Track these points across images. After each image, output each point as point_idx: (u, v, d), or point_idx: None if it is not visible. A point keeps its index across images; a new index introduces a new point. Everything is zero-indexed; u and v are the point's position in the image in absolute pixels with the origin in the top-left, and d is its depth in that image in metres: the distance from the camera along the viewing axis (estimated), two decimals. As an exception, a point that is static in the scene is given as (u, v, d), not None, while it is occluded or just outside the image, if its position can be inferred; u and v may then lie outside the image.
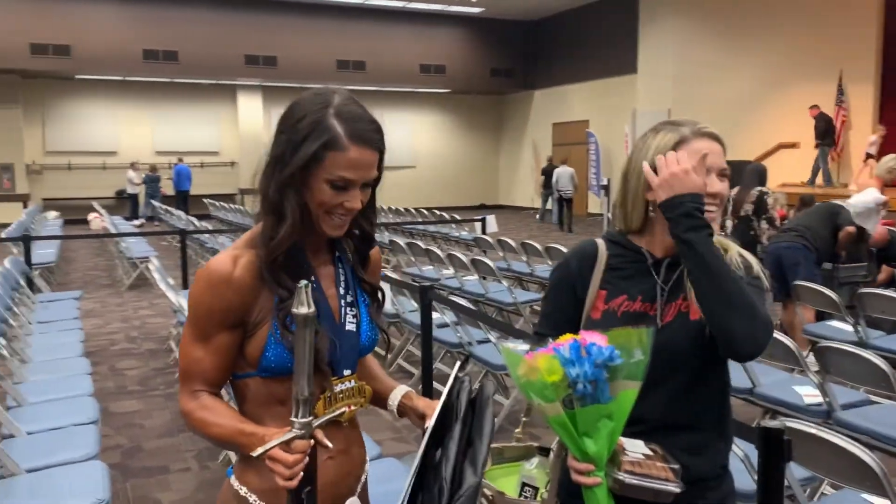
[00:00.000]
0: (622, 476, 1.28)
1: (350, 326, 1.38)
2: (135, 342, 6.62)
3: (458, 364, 1.43)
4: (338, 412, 1.29)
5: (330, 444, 1.20)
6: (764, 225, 6.34)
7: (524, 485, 1.53)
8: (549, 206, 18.69)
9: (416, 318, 4.81)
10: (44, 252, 9.54)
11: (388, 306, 5.27)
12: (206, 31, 18.18)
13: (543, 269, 7.71)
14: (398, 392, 1.51)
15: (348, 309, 1.39)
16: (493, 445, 1.59)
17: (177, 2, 17.92)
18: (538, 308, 7.30)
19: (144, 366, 5.84)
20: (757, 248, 6.35)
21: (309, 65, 19.31)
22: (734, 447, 1.95)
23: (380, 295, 1.48)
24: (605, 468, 1.30)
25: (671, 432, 1.43)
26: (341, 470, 1.38)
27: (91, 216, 16.18)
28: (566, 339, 1.27)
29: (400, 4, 19.51)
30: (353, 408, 1.38)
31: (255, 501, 1.33)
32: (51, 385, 3.80)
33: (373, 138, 1.31)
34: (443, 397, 1.34)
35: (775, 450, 1.74)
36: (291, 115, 1.31)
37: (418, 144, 22.96)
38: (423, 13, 20.29)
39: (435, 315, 5.14)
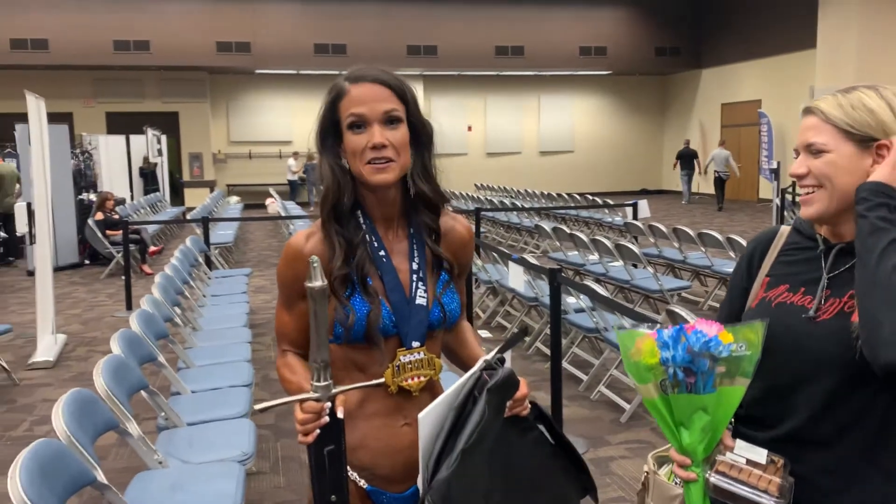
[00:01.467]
0: (711, 476, 1.22)
1: (420, 301, 1.44)
2: (296, 317, 7.13)
3: (499, 347, 1.42)
4: (373, 383, 1.35)
5: (341, 415, 1.26)
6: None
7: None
8: (684, 187, 19.48)
9: (552, 301, 4.83)
10: (223, 233, 10.48)
11: (524, 290, 5.34)
12: (370, 24, 18.97)
13: (697, 255, 7.42)
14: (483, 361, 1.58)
15: (420, 283, 1.45)
16: None
17: (345, -3, 18.86)
18: (686, 296, 7.11)
19: (303, 339, 6.29)
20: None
21: (468, 52, 19.63)
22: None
23: (447, 265, 1.50)
24: (702, 466, 1.24)
25: (809, 447, 1.27)
26: (417, 437, 1.47)
27: (268, 201, 17.48)
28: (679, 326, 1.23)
29: (560, -13, 19.29)
30: (421, 379, 1.45)
31: None
32: (215, 351, 4.24)
33: (370, 74, 1.39)
34: (460, 381, 1.35)
35: None
36: None
37: (577, 128, 22.66)
38: (583, -5, 19.95)
39: (573, 300, 5.16)
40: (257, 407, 1.27)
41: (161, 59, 18.17)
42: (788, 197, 11.10)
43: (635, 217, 9.01)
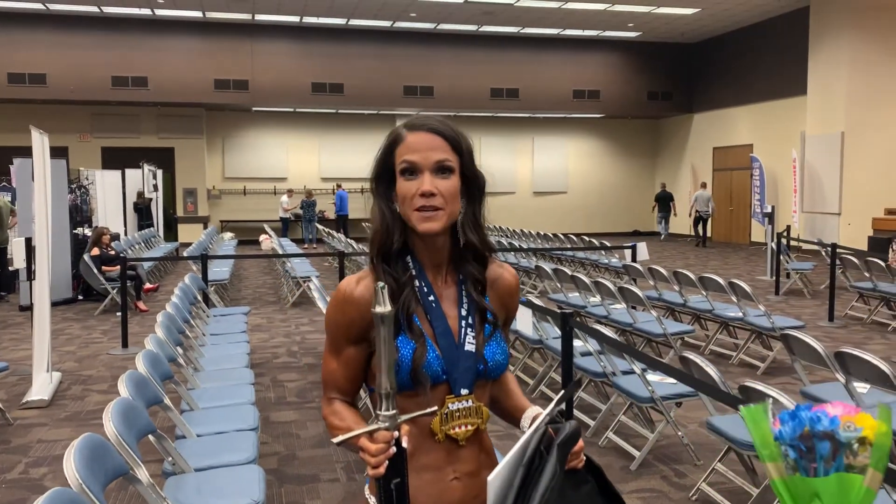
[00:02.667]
0: None
1: (469, 347, 1.42)
2: (295, 356, 7.05)
3: (555, 399, 1.39)
4: (428, 411, 1.32)
5: (405, 444, 1.23)
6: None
7: None
8: (661, 227, 21.06)
9: (558, 344, 4.80)
10: (219, 270, 10.40)
11: (531, 332, 5.30)
12: (368, 65, 19.18)
13: (697, 299, 7.42)
14: (530, 413, 1.54)
15: (468, 330, 1.44)
16: None
17: (343, 38, 19.07)
18: (690, 340, 7.08)
19: (303, 379, 6.21)
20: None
21: (464, 93, 19.86)
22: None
23: (491, 317, 1.48)
24: None
25: None
26: (468, 493, 1.41)
27: (262, 237, 17.44)
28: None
29: (554, 32, 19.62)
30: (468, 427, 1.42)
31: None
32: (219, 392, 4.16)
33: (427, 123, 1.42)
34: (525, 436, 1.32)
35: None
36: None
37: (571, 170, 22.86)
38: (576, 39, 20.28)
39: (578, 343, 5.11)
40: (335, 440, 1.25)
41: (158, 96, 18.26)
42: (784, 241, 11.17)
43: (634, 259, 9.02)
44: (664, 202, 20.78)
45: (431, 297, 1.43)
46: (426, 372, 1.38)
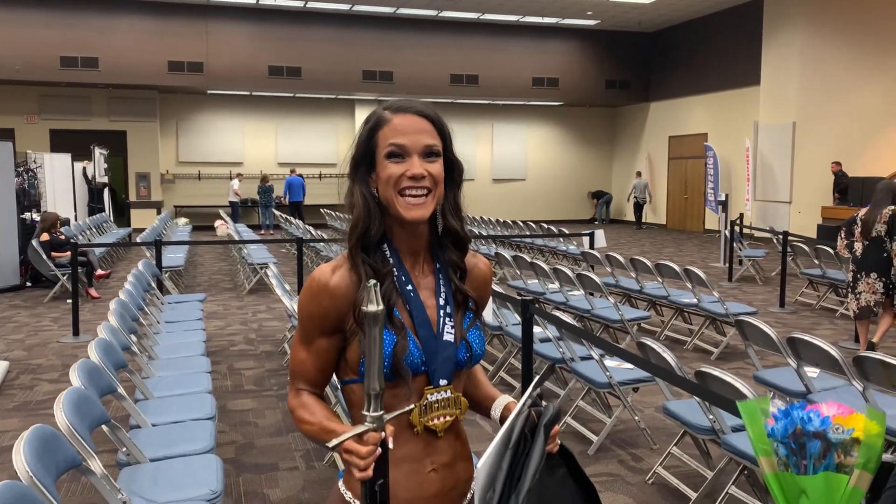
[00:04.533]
0: None
1: (448, 337, 1.41)
2: (252, 344, 6.96)
3: (533, 382, 1.42)
4: (407, 409, 1.31)
5: (391, 445, 1.22)
6: (896, 246, 5.96)
7: None
8: (602, 214, 22.91)
9: (518, 331, 4.82)
10: (173, 256, 10.20)
11: (491, 318, 5.32)
12: (327, 49, 18.94)
13: (653, 286, 7.53)
14: (500, 402, 1.53)
15: (447, 319, 1.42)
16: None
17: (301, 21, 18.78)
18: (646, 326, 7.18)
19: (260, 367, 6.14)
20: (891, 272, 5.98)
21: (424, 79, 19.76)
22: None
23: (472, 304, 1.48)
24: None
25: None
26: (445, 484, 1.40)
27: (217, 223, 17.17)
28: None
29: (513, 18, 19.62)
30: (447, 419, 1.40)
31: None
32: (174, 381, 4.08)
33: (413, 107, 1.40)
34: (509, 420, 1.34)
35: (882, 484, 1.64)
36: None
37: (529, 157, 22.96)
38: (536, 27, 20.32)
39: (537, 329, 5.15)
40: (329, 444, 1.23)
41: (110, 77, 17.77)
42: (737, 229, 11.39)
43: (592, 246, 9.10)
44: (601, 194, 23.02)
45: (409, 287, 1.41)
46: (406, 364, 1.36)
